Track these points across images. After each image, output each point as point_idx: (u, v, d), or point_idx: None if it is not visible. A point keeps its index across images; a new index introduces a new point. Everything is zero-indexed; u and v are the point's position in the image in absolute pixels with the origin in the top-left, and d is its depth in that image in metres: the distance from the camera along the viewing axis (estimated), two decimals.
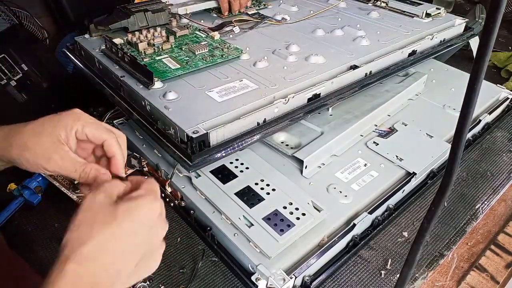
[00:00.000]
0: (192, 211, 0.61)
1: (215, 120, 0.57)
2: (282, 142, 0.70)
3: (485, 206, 0.68)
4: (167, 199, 0.65)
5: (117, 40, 0.74)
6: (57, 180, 0.66)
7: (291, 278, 0.50)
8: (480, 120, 0.80)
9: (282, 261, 0.52)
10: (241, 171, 0.63)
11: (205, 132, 0.54)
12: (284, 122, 0.62)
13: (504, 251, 0.62)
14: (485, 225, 0.66)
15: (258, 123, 0.60)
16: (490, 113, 0.82)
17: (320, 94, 0.68)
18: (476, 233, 0.65)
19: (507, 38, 1.30)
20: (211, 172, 0.63)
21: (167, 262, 0.57)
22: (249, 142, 0.58)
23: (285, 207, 0.57)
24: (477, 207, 0.67)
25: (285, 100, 0.62)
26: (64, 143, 0.38)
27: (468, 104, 0.25)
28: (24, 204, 0.64)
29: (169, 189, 0.65)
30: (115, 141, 0.39)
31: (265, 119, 0.61)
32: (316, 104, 0.66)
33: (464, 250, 0.62)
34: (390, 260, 0.58)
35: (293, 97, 0.63)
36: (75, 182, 0.65)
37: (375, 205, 0.61)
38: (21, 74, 0.86)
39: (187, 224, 0.62)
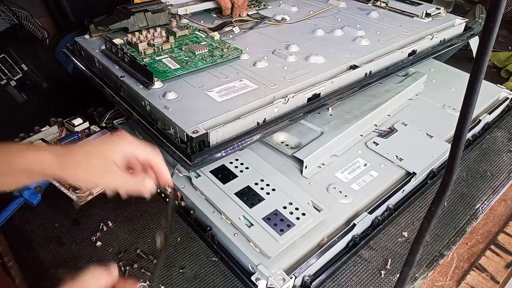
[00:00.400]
0: (192, 211, 0.61)
1: (215, 120, 0.57)
2: (282, 142, 0.70)
3: (485, 206, 0.68)
4: (167, 199, 0.65)
5: (117, 41, 0.74)
6: (57, 181, 0.66)
7: (291, 278, 0.50)
8: (480, 120, 0.80)
9: (282, 261, 0.52)
10: (241, 171, 0.63)
11: (205, 132, 0.54)
12: (284, 122, 0.62)
13: (504, 251, 0.62)
14: (485, 225, 0.66)
15: (258, 123, 0.60)
16: (490, 113, 0.82)
17: (320, 94, 0.68)
18: (476, 233, 0.65)
19: (507, 38, 1.30)
20: (211, 172, 0.63)
21: (167, 262, 0.57)
22: (249, 142, 0.58)
23: (285, 207, 0.57)
24: (477, 207, 0.67)
25: (285, 100, 0.62)
26: (115, 164, 0.43)
27: (468, 104, 0.25)
28: (24, 204, 0.64)
29: (169, 189, 0.65)
30: (160, 158, 0.46)
31: (265, 119, 0.61)
32: (316, 104, 0.66)
33: (464, 250, 0.62)
34: (390, 260, 0.58)
35: (293, 97, 0.63)
36: None
37: (375, 205, 0.61)
38: (21, 74, 0.86)
39: (187, 224, 0.62)
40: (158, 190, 0.47)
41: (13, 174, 0.43)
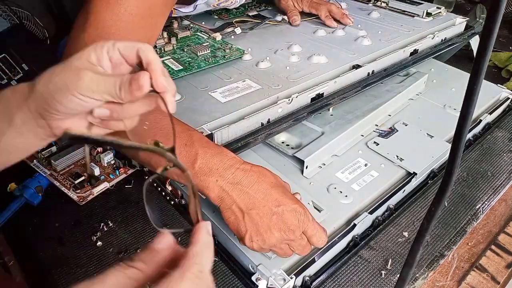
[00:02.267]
0: None
1: (219, 120, 0.57)
2: (282, 142, 0.70)
3: (486, 206, 0.68)
4: (168, 198, 0.65)
5: None
6: (58, 180, 0.66)
7: (291, 278, 0.50)
8: (480, 120, 0.80)
9: (283, 261, 0.52)
10: None
11: (210, 132, 0.54)
12: (288, 122, 0.62)
13: (505, 251, 0.62)
14: (485, 225, 0.66)
15: (262, 124, 0.60)
16: (490, 113, 0.82)
17: (323, 94, 0.68)
18: (477, 233, 0.65)
19: (507, 38, 1.30)
20: None
21: None
22: (253, 143, 0.58)
23: None
24: (477, 207, 0.67)
25: (289, 100, 0.62)
26: (96, 64, 0.33)
27: (468, 104, 0.25)
28: (24, 204, 0.64)
29: (169, 188, 0.65)
30: (151, 48, 0.34)
31: (269, 119, 0.61)
32: (319, 103, 0.67)
33: (464, 250, 0.62)
34: (390, 260, 0.58)
35: (296, 97, 0.63)
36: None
37: (375, 205, 0.60)
38: (21, 74, 0.86)
39: (188, 223, 0.62)
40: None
41: None
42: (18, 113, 0.34)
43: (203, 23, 0.88)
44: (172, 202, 0.64)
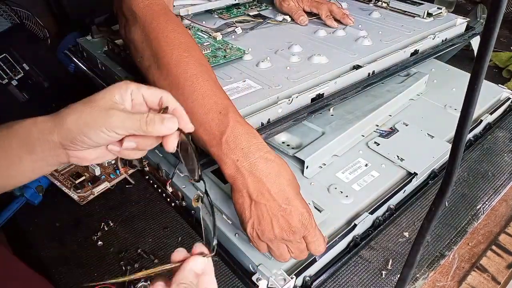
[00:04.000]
0: (193, 211, 0.61)
1: None
2: (283, 142, 0.70)
3: (486, 206, 0.68)
4: (168, 199, 0.65)
5: (120, 42, 0.74)
6: (59, 180, 0.66)
7: (292, 278, 0.50)
8: (481, 120, 0.80)
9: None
10: None
11: None
12: (288, 122, 0.62)
13: (505, 251, 0.62)
14: (486, 225, 0.66)
15: (262, 124, 0.60)
16: (491, 113, 0.82)
17: (323, 94, 0.68)
18: (477, 233, 0.65)
19: (508, 38, 1.30)
20: (212, 172, 0.63)
21: (168, 262, 0.57)
22: None
23: None
24: (478, 207, 0.67)
25: (289, 100, 0.62)
26: (120, 103, 0.38)
27: (469, 104, 0.25)
28: (25, 204, 0.65)
29: (170, 189, 0.65)
30: (172, 96, 0.39)
31: (269, 119, 0.61)
32: (319, 104, 0.66)
33: (465, 250, 0.62)
34: (391, 260, 0.58)
35: (296, 97, 0.63)
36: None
37: (376, 205, 0.61)
38: (22, 74, 0.86)
39: (188, 224, 0.62)
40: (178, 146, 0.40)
41: (15, 155, 0.38)
42: (40, 143, 0.38)
43: (204, 22, 0.88)
44: (173, 204, 0.64)
